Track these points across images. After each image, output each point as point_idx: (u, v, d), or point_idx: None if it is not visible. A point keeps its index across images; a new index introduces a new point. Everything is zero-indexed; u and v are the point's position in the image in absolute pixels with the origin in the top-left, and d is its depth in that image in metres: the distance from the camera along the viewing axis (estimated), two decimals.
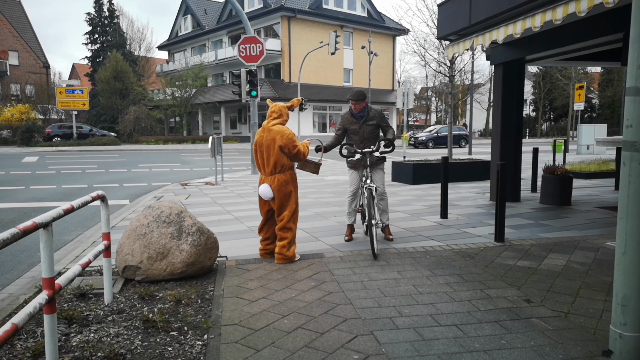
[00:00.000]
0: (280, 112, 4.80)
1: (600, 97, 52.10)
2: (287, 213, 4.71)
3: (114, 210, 8.63)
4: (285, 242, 4.73)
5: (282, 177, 4.69)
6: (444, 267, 4.54)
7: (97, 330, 3.23)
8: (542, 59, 7.86)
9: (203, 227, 4.48)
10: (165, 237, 4.29)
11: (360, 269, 4.50)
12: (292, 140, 4.64)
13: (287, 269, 4.56)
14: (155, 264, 4.24)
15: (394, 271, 4.42)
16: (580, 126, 23.18)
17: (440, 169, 6.75)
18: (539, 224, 6.39)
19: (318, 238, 5.80)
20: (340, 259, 4.87)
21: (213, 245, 4.51)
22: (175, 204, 4.58)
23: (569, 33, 6.39)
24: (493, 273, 4.34)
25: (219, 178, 12.61)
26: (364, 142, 5.41)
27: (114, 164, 18.51)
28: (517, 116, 7.98)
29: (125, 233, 4.42)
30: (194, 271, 4.35)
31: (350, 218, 5.68)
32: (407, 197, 9.06)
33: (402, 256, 4.91)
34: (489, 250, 5.11)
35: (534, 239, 5.56)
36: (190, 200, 9.08)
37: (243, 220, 7.02)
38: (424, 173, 11.11)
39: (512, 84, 7.93)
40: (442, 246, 5.29)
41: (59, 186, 11.81)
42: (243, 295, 3.89)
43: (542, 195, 7.88)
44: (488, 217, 6.92)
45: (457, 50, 6.59)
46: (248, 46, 14.01)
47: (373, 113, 5.42)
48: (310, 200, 8.89)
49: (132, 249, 4.28)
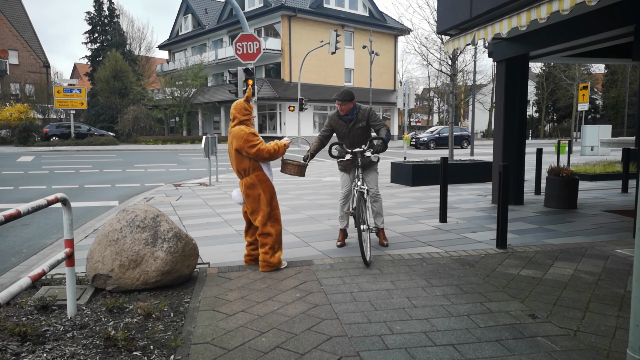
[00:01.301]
0: (233, 114, 4.41)
1: (604, 98, 51.64)
2: (260, 218, 4.37)
3: (102, 211, 8.32)
4: (267, 247, 4.39)
5: (248, 180, 4.36)
6: (441, 276, 4.19)
7: (52, 349, 2.90)
8: (547, 55, 7.51)
9: (181, 233, 4.14)
10: (139, 244, 3.96)
11: (351, 278, 4.16)
12: (249, 141, 4.24)
13: (271, 278, 4.22)
14: (128, 272, 3.91)
15: (387, 281, 4.08)
16: (585, 127, 22.77)
17: (440, 170, 6.41)
18: (544, 229, 6.04)
19: (309, 243, 5.46)
20: (330, 266, 4.53)
21: (191, 252, 4.18)
22: (151, 206, 4.25)
23: (576, 26, 6.04)
24: (494, 283, 4.00)
25: (214, 179, 12.28)
26: (355, 146, 5.05)
27: (109, 164, 18.21)
28: (520, 115, 7.63)
29: (96, 239, 4.09)
30: (170, 280, 4.02)
31: (342, 222, 5.34)
32: (405, 199, 8.71)
33: (397, 264, 4.57)
34: (490, 257, 4.76)
35: (539, 245, 5.20)
36: (180, 202, 8.76)
37: (232, 223, 6.69)
38: (424, 174, 10.77)
39: (515, 81, 7.58)
40: (440, 253, 4.95)
41: (49, 187, 11.50)
42: (221, 307, 3.56)
43: (547, 198, 7.52)
44: (490, 221, 6.57)
45: (457, 45, 6.24)
46: (245, 44, 13.65)
47: (362, 114, 5.03)
48: (305, 202, 8.55)
49: (102, 256, 3.95)
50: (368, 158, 4.92)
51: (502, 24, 5.35)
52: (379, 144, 4.75)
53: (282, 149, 4.42)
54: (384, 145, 4.75)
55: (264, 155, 4.31)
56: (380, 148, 4.75)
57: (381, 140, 4.74)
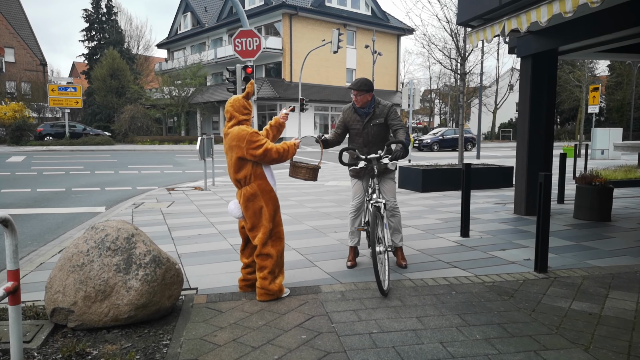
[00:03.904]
0: (230, 113, 3.68)
1: (608, 101, 50.92)
2: (261, 235, 3.63)
3: (86, 219, 7.58)
4: (266, 272, 3.65)
5: (248, 189, 3.62)
6: (477, 310, 3.46)
7: None
8: (578, 50, 6.79)
9: (161, 256, 3.40)
10: (109, 270, 3.22)
11: (368, 313, 3.42)
12: (252, 142, 3.51)
13: (271, 311, 3.48)
14: (94, 306, 3.17)
15: (413, 317, 3.34)
16: (595, 130, 22.06)
17: (461, 178, 5.68)
18: (582, 246, 5.30)
19: (314, 263, 4.72)
20: (342, 295, 3.79)
21: (174, 280, 3.44)
22: (127, 223, 3.51)
23: (616, 17, 5.31)
24: (545, 322, 3.26)
25: (209, 182, 11.54)
26: (369, 146, 4.34)
27: (102, 165, 17.46)
28: (547, 116, 6.90)
29: (57, 263, 3.36)
30: (147, 315, 3.28)
31: (352, 239, 4.59)
32: (417, 207, 7.98)
33: (421, 292, 3.83)
34: (530, 284, 4.03)
35: (583, 269, 4.46)
36: (172, 209, 8.02)
37: (227, 235, 5.95)
38: (434, 179, 10.04)
39: (543, 78, 6.85)
40: (469, 277, 4.21)
41: (33, 190, 10.76)
42: (207, 356, 2.82)
43: (577, 209, 6.78)
44: (517, 235, 5.83)
45: (484, 37, 5.50)
46: (244, 40, 12.92)
47: (380, 109, 4.32)
48: (307, 210, 7.82)
49: (64, 285, 3.21)
50: (385, 165, 4.19)
51: (539, 11, 4.62)
52: (399, 149, 3.99)
53: (292, 148, 3.68)
54: (405, 150, 3.98)
55: (273, 155, 3.57)
56: (400, 154, 3.98)
57: (401, 145, 3.99)
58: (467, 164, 5.66)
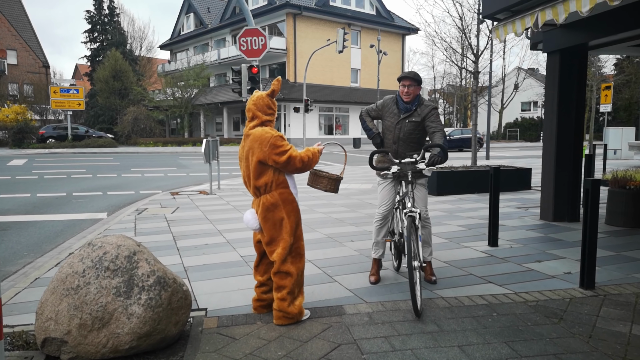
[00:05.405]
0: (251, 111, 3.28)
1: (616, 99, 50.30)
2: (280, 250, 3.22)
3: (87, 225, 7.20)
4: (285, 292, 3.24)
5: (269, 198, 3.22)
6: (526, 337, 3.03)
7: None
8: (610, 45, 6.34)
9: (166, 277, 3.00)
10: (108, 294, 2.82)
11: (401, 340, 3.00)
12: (277, 146, 3.13)
13: (291, 337, 3.07)
14: (91, 335, 2.77)
15: (454, 345, 2.93)
16: (607, 129, 21.59)
17: (489, 182, 5.26)
18: (624, 257, 4.87)
19: (333, 277, 4.31)
20: (369, 317, 3.37)
21: (181, 304, 3.03)
22: (128, 238, 3.11)
23: None
24: (607, 351, 2.84)
25: (215, 186, 11.15)
26: (398, 144, 3.93)
27: (105, 167, 17.10)
28: (577, 116, 6.46)
29: (50, 285, 2.96)
30: (151, 345, 2.88)
31: (377, 251, 4.18)
32: (435, 212, 7.55)
33: (457, 314, 3.41)
34: (578, 303, 3.60)
35: (633, 284, 4.03)
36: (176, 215, 7.62)
37: (237, 245, 5.54)
38: (450, 182, 9.62)
39: (572, 75, 6.42)
40: (508, 295, 3.78)
41: (33, 194, 10.38)
42: None
43: (609, 214, 6.35)
44: (550, 245, 5.40)
45: (513, 29, 5.08)
46: (249, 39, 12.52)
47: (422, 108, 3.91)
48: (319, 216, 7.41)
49: (56, 312, 2.82)
50: (420, 171, 3.77)
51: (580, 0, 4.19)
52: (437, 154, 3.57)
53: (316, 156, 3.30)
54: (444, 155, 3.57)
55: (296, 164, 3.18)
56: (438, 159, 3.55)
57: (439, 149, 3.57)
58: (495, 167, 5.24)
